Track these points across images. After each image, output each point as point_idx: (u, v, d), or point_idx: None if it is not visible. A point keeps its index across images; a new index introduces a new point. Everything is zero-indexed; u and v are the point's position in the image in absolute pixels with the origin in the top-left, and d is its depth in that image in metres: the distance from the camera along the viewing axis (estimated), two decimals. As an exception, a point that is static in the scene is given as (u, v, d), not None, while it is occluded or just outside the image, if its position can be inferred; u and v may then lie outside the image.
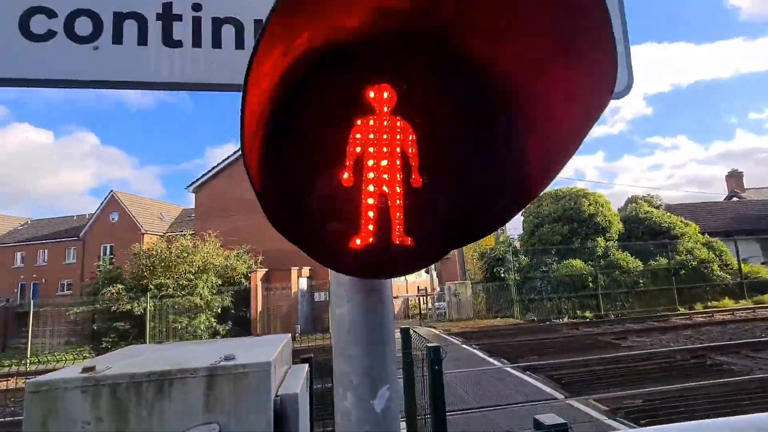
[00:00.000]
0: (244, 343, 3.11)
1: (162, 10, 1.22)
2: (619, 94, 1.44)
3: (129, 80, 1.17)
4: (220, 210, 26.28)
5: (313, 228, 0.76)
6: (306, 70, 0.64)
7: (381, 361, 1.09)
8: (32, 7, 1.15)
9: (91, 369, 2.14)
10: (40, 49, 1.14)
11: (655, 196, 33.78)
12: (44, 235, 40.23)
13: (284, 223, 0.67)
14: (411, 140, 0.78)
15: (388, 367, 1.12)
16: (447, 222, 0.81)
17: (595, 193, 22.54)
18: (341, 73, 0.73)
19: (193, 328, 18.37)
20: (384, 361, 1.10)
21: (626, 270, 19.37)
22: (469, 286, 21.37)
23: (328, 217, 0.77)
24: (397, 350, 5.26)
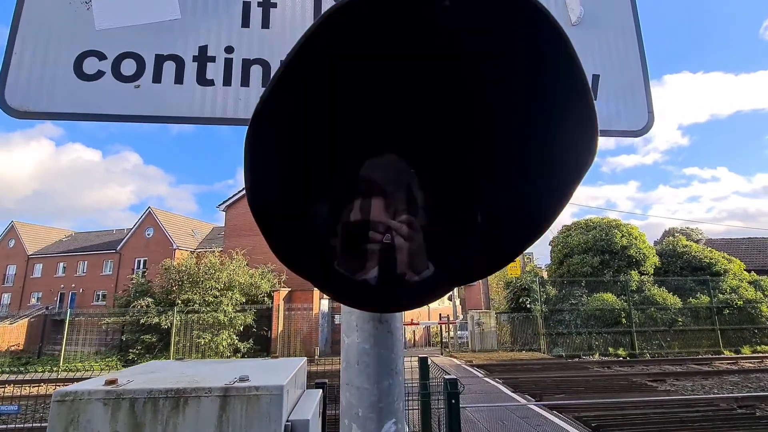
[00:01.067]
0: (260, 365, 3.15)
1: (198, 52, 1.33)
2: (639, 131, 1.43)
3: (166, 115, 1.27)
4: (248, 229, 27.00)
5: (318, 258, 0.79)
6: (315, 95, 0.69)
7: (388, 394, 1.09)
8: (86, 50, 1.29)
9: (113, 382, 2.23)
10: (90, 87, 1.26)
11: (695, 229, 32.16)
12: (85, 247, 42.45)
13: (287, 253, 0.71)
14: (420, 168, 0.81)
15: (396, 401, 1.12)
16: (454, 256, 0.83)
17: (628, 224, 21.68)
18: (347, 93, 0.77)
19: (215, 344, 18.64)
20: (391, 395, 1.10)
21: (663, 307, 18.28)
22: (493, 316, 20.75)
23: (333, 247, 0.80)
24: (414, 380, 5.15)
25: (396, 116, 0.77)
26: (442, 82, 0.74)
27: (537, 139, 0.67)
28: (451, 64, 0.68)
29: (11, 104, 1.23)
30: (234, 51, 1.34)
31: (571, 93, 0.51)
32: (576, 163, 0.52)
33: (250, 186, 0.64)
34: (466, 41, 0.62)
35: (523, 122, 0.67)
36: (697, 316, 18.39)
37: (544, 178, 0.63)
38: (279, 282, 22.45)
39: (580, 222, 22.85)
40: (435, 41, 0.64)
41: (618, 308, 18.16)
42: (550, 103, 0.57)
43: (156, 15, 1.34)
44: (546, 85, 0.56)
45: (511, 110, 0.69)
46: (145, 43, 1.32)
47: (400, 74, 0.74)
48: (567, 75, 0.50)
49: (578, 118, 0.52)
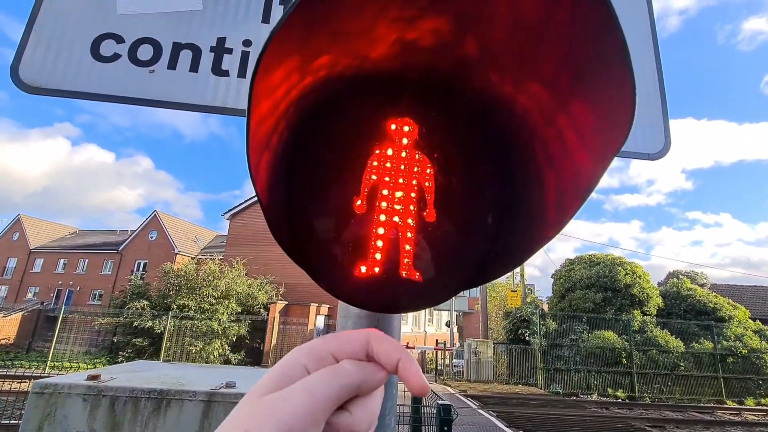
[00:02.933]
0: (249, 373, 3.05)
1: (216, 43, 1.33)
2: (655, 155, 1.40)
3: (177, 101, 1.26)
4: (250, 239, 27.02)
5: (319, 250, 0.75)
6: (327, 94, 0.67)
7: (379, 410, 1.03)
8: (105, 33, 1.30)
9: (96, 377, 2.15)
10: (104, 69, 1.26)
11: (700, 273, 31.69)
12: (87, 245, 42.53)
13: (288, 240, 0.67)
14: (428, 174, 0.78)
15: (387, 416, 1.05)
16: (458, 261, 0.79)
17: (633, 262, 21.42)
18: (363, 102, 0.76)
19: (206, 353, 18.33)
20: (383, 408, 1.03)
21: (665, 349, 17.82)
22: (491, 346, 20.30)
23: (336, 241, 0.76)
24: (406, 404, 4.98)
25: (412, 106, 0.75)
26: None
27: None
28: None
29: (24, 79, 1.23)
30: (252, 45, 1.34)
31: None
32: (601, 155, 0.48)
33: (254, 178, 0.60)
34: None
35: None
36: (699, 362, 17.89)
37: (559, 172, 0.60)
38: (276, 294, 22.24)
39: (583, 256, 22.61)
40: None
41: (619, 347, 17.72)
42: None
43: (179, 5, 1.35)
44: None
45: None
46: (164, 31, 1.32)
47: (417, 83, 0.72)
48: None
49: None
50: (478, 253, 0.76)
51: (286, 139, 0.63)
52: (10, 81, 1.27)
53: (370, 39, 0.57)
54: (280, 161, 0.63)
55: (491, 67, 0.60)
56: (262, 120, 0.48)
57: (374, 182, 0.77)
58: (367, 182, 0.77)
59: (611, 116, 0.44)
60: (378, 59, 0.63)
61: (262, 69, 0.42)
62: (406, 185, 0.78)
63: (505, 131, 0.68)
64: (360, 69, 0.64)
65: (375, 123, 0.76)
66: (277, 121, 0.55)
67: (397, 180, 0.78)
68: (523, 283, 23.42)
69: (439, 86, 0.72)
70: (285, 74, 0.49)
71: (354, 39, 0.55)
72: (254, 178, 0.51)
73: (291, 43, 0.45)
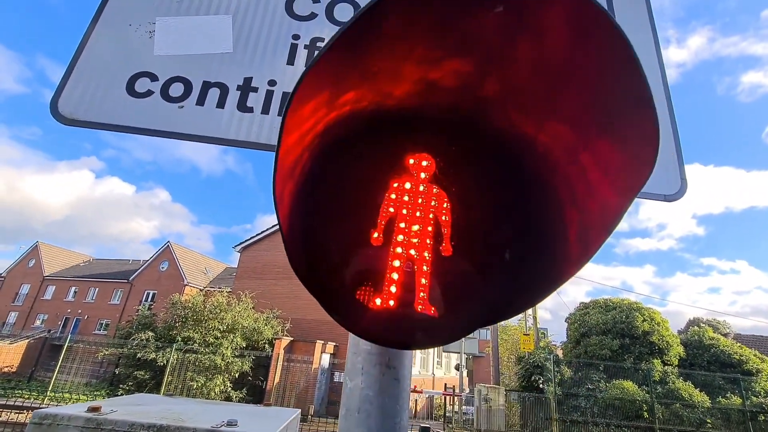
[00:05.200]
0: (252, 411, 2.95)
1: (243, 83, 1.41)
2: (671, 197, 1.40)
3: (204, 135, 1.32)
4: (259, 272, 26.99)
5: (334, 281, 0.75)
6: (350, 128, 0.69)
7: (389, 451, 0.98)
8: (141, 71, 1.39)
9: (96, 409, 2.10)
10: (137, 104, 1.34)
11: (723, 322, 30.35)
12: (99, 273, 42.89)
13: (306, 271, 0.68)
14: (445, 209, 0.79)
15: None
16: (475, 297, 0.78)
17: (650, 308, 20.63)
18: (383, 137, 0.78)
19: (207, 389, 17.81)
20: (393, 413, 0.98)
21: (689, 403, 16.71)
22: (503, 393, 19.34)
23: (352, 273, 0.77)
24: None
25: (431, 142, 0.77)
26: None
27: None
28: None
29: (62, 112, 1.31)
30: (276, 84, 1.41)
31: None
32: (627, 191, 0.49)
33: (278, 206, 0.62)
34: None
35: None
36: (728, 419, 16.68)
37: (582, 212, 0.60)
38: (282, 330, 21.84)
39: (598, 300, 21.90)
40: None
41: (639, 400, 16.69)
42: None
43: (211, 47, 1.45)
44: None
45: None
46: (195, 70, 1.41)
47: None
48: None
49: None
50: (495, 289, 0.75)
51: (308, 170, 0.65)
52: (49, 114, 1.34)
53: (396, 77, 0.60)
54: (301, 192, 0.65)
55: (512, 108, 0.62)
56: (289, 150, 0.50)
57: (392, 215, 0.78)
58: (385, 215, 0.78)
59: (636, 153, 0.45)
60: (401, 96, 0.67)
61: (296, 101, 0.44)
62: (423, 219, 0.78)
63: (525, 169, 0.69)
64: (382, 105, 0.67)
65: (394, 157, 0.79)
66: (302, 152, 0.57)
67: (415, 213, 0.79)
68: (536, 327, 22.65)
69: (458, 123, 0.75)
70: (314, 108, 0.51)
71: (381, 78, 0.59)
72: (278, 206, 0.53)
73: (323, 79, 0.48)
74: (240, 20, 1.50)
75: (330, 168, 0.75)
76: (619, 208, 0.49)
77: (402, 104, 0.71)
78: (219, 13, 1.50)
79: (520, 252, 0.76)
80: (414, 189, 0.80)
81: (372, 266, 0.77)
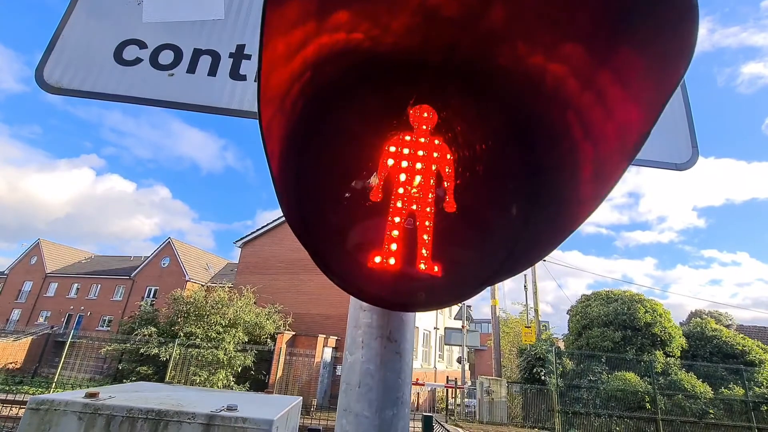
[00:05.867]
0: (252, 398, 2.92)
1: (235, 50, 1.35)
2: (683, 165, 1.35)
3: (195, 103, 1.27)
4: (261, 267, 27.01)
5: (330, 238, 0.70)
6: (345, 69, 0.64)
7: (390, 426, 0.94)
8: (128, 39, 1.33)
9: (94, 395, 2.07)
10: (125, 72, 1.28)
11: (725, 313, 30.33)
12: (100, 270, 43.00)
13: (300, 224, 0.63)
14: (448, 160, 0.74)
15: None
16: (481, 253, 0.73)
17: (652, 300, 20.58)
18: (380, 86, 0.73)
19: (210, 383, 17.89)
20: (394, 428, 0.94)
21: (692, 395, 16.71)
22: (505, 385, 19.37)
23: (348, 229, 0.72)
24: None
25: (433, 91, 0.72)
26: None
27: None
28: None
29: (48, 80, 1.25)
30: (270, 51, 1.36)
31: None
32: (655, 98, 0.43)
33: (265, 137, 0.57)
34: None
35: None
36: (730, 409, 16.68)
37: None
38: (284, 324, 21.88)
39: (600, 293, 21.86)
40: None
41: (642, 391, 16.69)
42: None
43: (201, 14, 1.39)
44: None
45: None
46: (185, 37, 1.35)
47: None
48: None
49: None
50: (502, 244, 0.70)
51: (300, 110, 0.60)
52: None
53: (392, 3, 0.55)
54: (293, 131, 0.60)
55: (519, 37, 0.57)
56: (275, 63, 0.45)
57: (392, 168, 0.73)
58: (384, 168, 0.73)
59: (665, 45, 0.40)
60: (398, 31, 0.61)
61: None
62: (425, 172, 0.73)
63: (533, 111, 0.64)
64: (379, 43, 0.62)
65: (393, 107, 0.74)
66: (291, 80, 0.52)
67: (415, 166, 0.74)
68: (537, 319, 22.66)
69: (460, 68, 0.69)
70: (300, 13, 0.46)
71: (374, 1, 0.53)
72: (265, 137, 0.48)
73: None
74: (232, -15, 1.44)
75: (324, 115, 0.70)
76: (643, 126, 0.44)
77: (399, 43, 0.65)
78: (209, -23, 1.44)
79: (528, 203, 0.70)
80: (415, 141, 0.74)
81: (371, 222, 0.72)
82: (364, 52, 0.63)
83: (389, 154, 0.73)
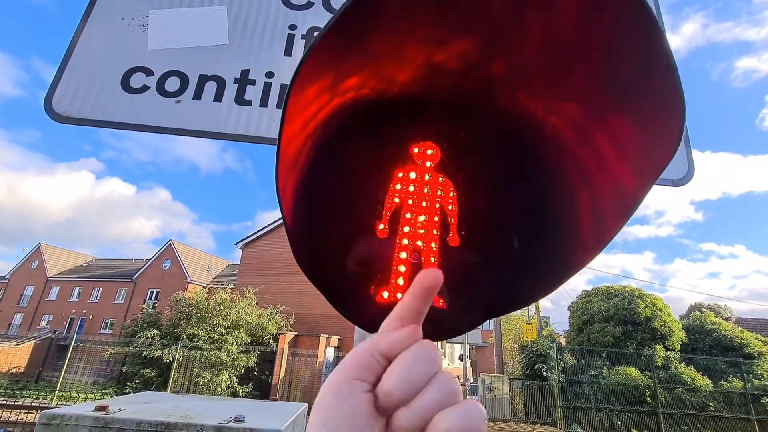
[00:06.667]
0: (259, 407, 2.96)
1: (240, 75, 1.38)
2: (679, 181, 1.38)
3: (202, 130, 1.30)
4: (262, 268, 27.06)
5: (340, 274, 0.74)
6: (352, 116, 0.67)
7: None
8: (135, 66, 1.36)
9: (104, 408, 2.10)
10: (133, 100, 1.31)
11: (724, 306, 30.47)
12: (102, 273, 43.04)
13: (310, 264, 0.66)
14: (452, 198, 0.77)
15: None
16: (483, 287, 0.76)
17: (652, 294, 20.69)
18: (386, 125, 0.76)
19: (214, 385, 17.96)
20: None
21: (692, 388, 16.83)
22: (507, 382, 19.47)
23: (357, 266, 0.75)
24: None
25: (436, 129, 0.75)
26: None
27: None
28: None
29: (57, 110, 1.28)
30: (274, 76, 1.38)
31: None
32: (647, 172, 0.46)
33: (281, 198, 0.60)
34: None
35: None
36: (730, 402, 16.81)
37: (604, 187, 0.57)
38: (286, 325, 21.95)
39: (600, 288, 21.97)
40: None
41: (642, 385, 16.81)
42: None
43: (206, 40, 1.42)
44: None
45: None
46: (191, 64, 1.38)
47: None
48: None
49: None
50: (504, 279, 0.74)
51: (311, 161, 0.63)
52: (44, 113, 1.32)
53: (399, 61, 0.58)
54: (304, 183, 0.63)
55: (519, 87, 0.60)
56: (292, 138, 0.48)
57: (397, 206, 0.76)
58: (390, 206, 0.76)
59: (657, 128, 0.43)
60: (404, 82, 0.64)
61: (298, 82, 0.42)
62: (430, 209, 0.76)
63: (533, 152, 0.67)
64: (384, 92, 0.65)
65: (398, 146, 0.77)
66: (304, 142, 0.55)
67: (420, 204, 0.77)
68: (538, 316, 22.75)
69: (462, 108, 0.72)
70: (317, 92, 0.49)
71: (383, 61, 0.56)
72: (281, 198, 0.51)
73: (325, 61, 0.45)
74: (235, 11, 1.47)
75: (333, 159, 0.73)
76: (637, 192, 0.47)
77: (405, 90, 0.69)
78: (213, 3, 1.47)
79: (530, 240, 0.74)
80: (419, 178, 0.78)
81: (378, 258, 0.75)
82: (370, 102, 0.66)
83: (395, 192, 0.76)
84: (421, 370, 0.39)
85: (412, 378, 0.38)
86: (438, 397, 0.37)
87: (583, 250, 0.57)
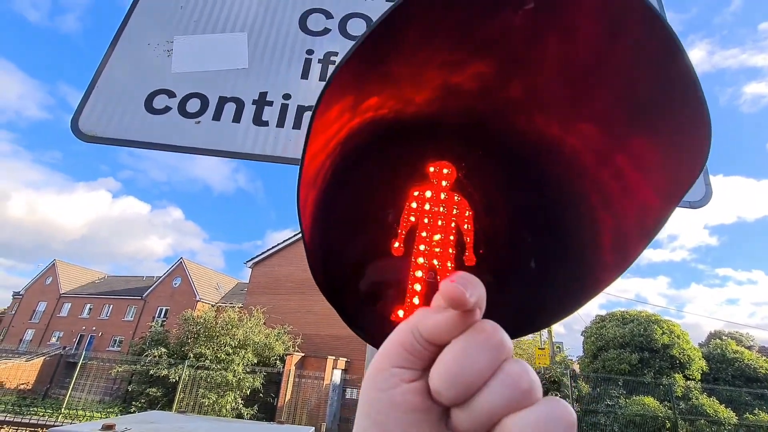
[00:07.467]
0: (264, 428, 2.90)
1: (258, 97, 1.42)
2: (697, 203, 1.36)
3: (220, 149, 1.33)
4: (271, 287, 27.03)
5: (355, 294, 0.73)
6: (370, 136, 0.68)
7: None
8: (159, 89, 1.41)
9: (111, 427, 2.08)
10: (155, 120, 1.35)
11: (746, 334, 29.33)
12: (113, 290, 43.42)
13: (325, 279, 0.66)
14: (467, 217, 0.77)
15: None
16: (499, 308, 0.75)
17: (669, 320, 20.03)
18: (402, 144, 0.77)
19: (219, 406, 17.70)
20: None
21: (715, 420, 16.04)
22: (519, 410, 18.76)
23: (372, 285, 0.75)
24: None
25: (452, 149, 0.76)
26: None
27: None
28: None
29: (83, 129, 1.33)
30: (291, 98, 1.42)
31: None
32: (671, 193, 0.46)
33: (301, 215, 0.61)
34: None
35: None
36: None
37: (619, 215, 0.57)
38: (293, 345, 21.71)
39: (615, 313, 21.37)
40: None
41: (662, 416, 16.08)
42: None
43: (227, 63, 1.47)
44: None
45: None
46: (211, 86, 1.43)
47: None
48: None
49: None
50: (521, 300, 0.73)
51: (330, 179, 0.64)
52: (70, 136, 1.37)
53: (417, 82, 0.59)
54: (323, 201, 0.64)
55: (536, 109, 0.61)
56: (314, 156, 0.50)
57: (413, 224, 0.76)
58: (405, 225, 0.76)
59: (681, 147, 0.43)
60: (421, 102, 0.66)
61: (323, 104, 0.43)
62: (445, 228, 0.77)
63: (551, 173, 0.67)
64: (402, 112, 0.66)
65: (413, 165, 0.77)
66: (324, 159, 0.56)
67: (436, 222, 0.77)
68: (551, 340, 22.14)
69: (479, 128, 0.73)
70: (339, 112, 0.51)
71: (402, 83, 0.58)
72: (301, 215, 0.52)
73: (348, 83, 0.47)
74: (255, 36, 1.53)
75: (350, 177, 0.74)
76: (663, 211, 0.47)
77: (422, 110, 0.70)
78: (235, 30, 1.53)
79: (549, 260, 0.73)
80: (435, 197, 0.78)
81: (393, 277, 0.75)
82: (388, 122, 0.68)
83: (410, 211, 0.77)
84: (478, 362, 0.31)
85: (466, 373, 0.31)
86: (505, 397, 0.30)
87: (605, 271, 0.56)
